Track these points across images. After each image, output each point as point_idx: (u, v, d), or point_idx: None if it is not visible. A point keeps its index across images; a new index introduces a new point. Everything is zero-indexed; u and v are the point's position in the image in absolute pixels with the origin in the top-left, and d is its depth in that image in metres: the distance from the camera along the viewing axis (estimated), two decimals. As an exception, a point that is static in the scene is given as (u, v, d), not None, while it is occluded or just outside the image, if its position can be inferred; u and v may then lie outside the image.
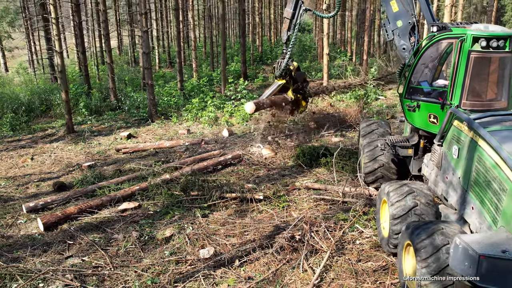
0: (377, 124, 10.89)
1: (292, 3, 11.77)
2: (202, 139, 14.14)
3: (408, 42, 9.20)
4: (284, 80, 12.47)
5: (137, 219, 8.88)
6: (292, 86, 12.60)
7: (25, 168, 12.64)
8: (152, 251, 7.61)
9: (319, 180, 10.43)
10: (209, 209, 9.11)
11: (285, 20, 12.18)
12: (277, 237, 7.63)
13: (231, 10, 52.79)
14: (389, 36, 9.59)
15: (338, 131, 14.34)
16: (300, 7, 11.85)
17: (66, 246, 7.93)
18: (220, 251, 7.43)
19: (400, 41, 9.32)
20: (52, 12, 14.47)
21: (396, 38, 9.39)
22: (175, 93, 20.84)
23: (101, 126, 17.13)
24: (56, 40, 14.70)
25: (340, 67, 26.22)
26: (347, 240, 7.70)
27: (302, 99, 13.08)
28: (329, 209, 8.83)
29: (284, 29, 12.15)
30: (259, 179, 10.82)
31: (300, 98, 12.98)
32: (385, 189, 7.34)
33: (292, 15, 11.85)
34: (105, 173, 11.58)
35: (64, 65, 15.66)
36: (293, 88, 12.61)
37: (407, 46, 9.22)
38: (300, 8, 11.85)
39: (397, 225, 6.78)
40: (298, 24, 11.86)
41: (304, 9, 11.86)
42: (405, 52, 9.26)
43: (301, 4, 11.85)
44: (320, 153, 11.41)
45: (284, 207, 9.04)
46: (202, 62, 34.25)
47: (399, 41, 9.33)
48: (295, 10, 11.89)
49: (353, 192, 9.27)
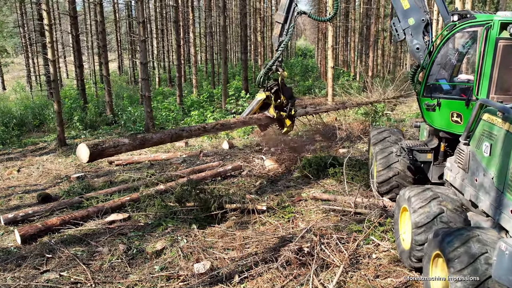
0: (389, 132, 10.06)
1: (285, 6, 10.98)
2: (201, 151, 13.30)
3: (422, 41, 8.41)
4: (264, 94, 11.56)
5: (126, 231, 7.98)
6: (274, 102, 11.63)
7: (10, 180, 11.78)
8: (140, 266, 6.70)
9: (328, 191, 9.53)
10: (206, 221, 8.20)
11: (276, 24, 11.34)
12: (282, 249, 6.70)
13: (233, 33, 52.58)
14: (400, 36, 8.77)
15: (346, 143, 13.49)
16: (293, 10, 11.06)
17: (44, 260, 7.02)
18: (218, 265, 6.51)
19: (413, 41, 8.52)
20: (46, 19, 13.82)
21: (408, 38, 8.58)
22: (174, 108, 20.11)
23: (95, 140, 16.31)
24: (49, 47, 14.00)
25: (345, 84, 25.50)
26: (361, 253, 6.78)
27: (286, 118, 11.99)
28: (340, 220, 7.92)
29: (276, 34, 11.30)
30: (262, 190, 9.94)
31: (284, 116, 11.93)
32: (405, 194, 6.47)
33: (285, 19, 11.05)
34: (95, 184, 10.72)
35: (57, 74, 14.94)
36: (275, 105, 11.63)
37: (421, 45, 8.41)
38: (294, 11, 11.06)
39: (420, 234, 5.89)
40: (291, 29, 11.06)
41: (299, 12, 11.06)
42: (419, 52, 8.45)
43: (295, 7, 11.07)
44: (328, 163, 10.54)
45: (290, 219, 8.13)
46: (203, 80, 33.66)
47: (412, 41, 8.52)
48: (288, 13, 11.09)
49: (366, 203, 8.37)
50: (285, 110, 11.80)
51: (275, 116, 11.55)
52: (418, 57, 8.44)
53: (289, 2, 10.95)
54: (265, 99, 11.60)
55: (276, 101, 11.60)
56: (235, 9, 46.83)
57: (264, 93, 11.51)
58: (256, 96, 11.81)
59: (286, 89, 12.00)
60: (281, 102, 11.73)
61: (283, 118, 11.81)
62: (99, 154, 7.43)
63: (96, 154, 7.34)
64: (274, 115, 11.51)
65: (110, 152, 7.65)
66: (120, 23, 42.79)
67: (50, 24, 13.81)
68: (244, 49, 23.71)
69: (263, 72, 11.27)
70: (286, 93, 11.86)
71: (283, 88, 11.73)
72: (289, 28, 11.03)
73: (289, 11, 10.96)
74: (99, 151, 7.35)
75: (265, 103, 11.67)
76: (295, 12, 11.00)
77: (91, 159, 7.33)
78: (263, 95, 11.51)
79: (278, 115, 11.63)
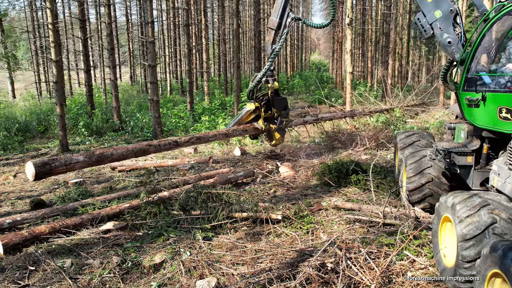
0: (419, 135, 9.05)
1: (278, 12, 10.12)
2: (210, 157, 12.36)
3: (454, 33, 7.39)
4: (253, 105, 10.72)
5: (122, 241, 7.01)
6: (264, 114, 10.78)
7: (5, 186, 10.93)
8: (135, 282, 5.72)
9: (351, 200, 8.50)
10: (213, 231, 7.22)
11: (269, 31, 10.49)
12: (301, 265, 5.68)
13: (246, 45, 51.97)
14: (427, 32, 7.73)
15: (368, 150, 12.44)
16: (287, 16, 10.21)
17: (26, 273, 6.09)
18: (225, 283, 5.52)
19: (443, 35, 7.48)
20: (49, 17, 13.09)
21: (438, 32, 7.55)
22: (184, 115, 19.24)
23: (100, 147, 15.48)
24: (52, 47, 13.24)
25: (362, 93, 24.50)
26: (395, 271, 5.73)
27: (275, 131, 11.03)
28: (367, 232, 6.88)
29: (268, 41, 10.44)
30: (277, 198, 8.94)
31: (273, 129, 10.99)
32: (447, 201, 5.44)
33: (278, 25, 10.19)
34: (94, 190, 9.81)
35: (61, 75, 14.17)
36: (265, 116, 10.78)
37: (453, 38, 7.38)
38: (288, 17, 10.21)
39: (469, 249, 4.86)
40: (284, 35, 10.19)
41: (293, 18, 10.20)
42: (451, 46, 7.41)
43: (289, 13, 10.21)
44: (350, 170, 9.52)
45: (309, 230, 7.11)
46: (216, 89, 32.85)
47: (442, 35, 7.49)
48: (282, 19, 10.25)
49: (395, 213, 7.33)
50: (275, 123, 10.95)
51: (264, 128, 10.72)
52: (451, 52, 7.42)
53: (283, 7, 10.15)
54: (254, 110, 10.83)
55: (266, 112, 10.79)
56: (249, 20, 46.30)
57: (253, 103, 10.73)
58: (245, 106, 10.98)
59: (279, 100, 11.13)
60: (271, 114, 10.91)
61: (272, 130, 10.95)
62: (47, 173, 7.13)
63: (44, 173, 7.04)
64: (262, 127, 10.71)
65: (61, 170, 7.30)
66: (132, 33, 42.47)
67: (53, 23, 13.07)
68: (257, 56, 22.85)
69: (253, 85, 10.46)
70: (278, 105, 11.01)
71: (275, 99, 10.89)
72: (282, 35, 10.17)
73: (282, 17, 10.14)
74: (47, 170, 7.03)
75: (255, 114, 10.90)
76: (289, 18, 10.15)
77: (37, 178, 7.05)
78: (252, 106, 10.76)
79: (267, 127, 10.79)
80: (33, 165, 6.84)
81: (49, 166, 6.99)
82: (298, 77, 43.25)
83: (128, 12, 41.28)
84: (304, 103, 26.27)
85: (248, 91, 10.74)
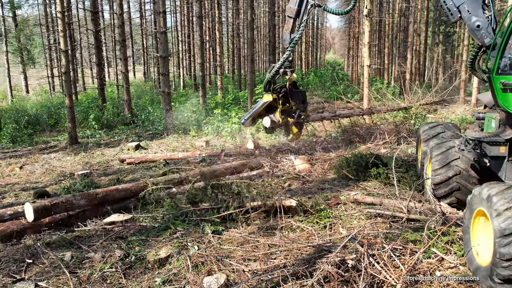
0: (443, 126, 8.49)
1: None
2: (222, 150, 11.90)
3: (483, 16, 6.83)
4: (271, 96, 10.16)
5: (126, 234, 6.58)
6: (282, 106, 10.22)
7: (11, 177, 10.62)
8: (138, 277, 5.27)
9: (371, 194, 7.97)
10: (223, 225, 6.75)
11: (287, 19, 9.89)
12: (319, 262, 5.17)
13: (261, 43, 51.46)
14: (454, 15, 7.17)
15: (387, 144, 11.87)
16: (306, 2, 9.61)
17: (23, 265, 5.68)
18: (235, 280, 5.04)
19: (471, 18, 6.91)
20: (58, 5, 12.74)
21: (466, 15, 6.98)
22: (196, 109, 18.81)
23: (110, 140, 15.14)
24: (61, 36, 12.90)
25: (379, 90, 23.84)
26: (422, 270, 5.19)
27: (292, 125, 10.53)
28: (390, 227, 6.34)
29: (287, 30, 9.83)
30: (292, 192, 8.45)
31: (290, 123, 10.47)
32: (482, 193, 4.90)
33: (297, 13, 9.57)
34: (100, 182, 9.40)
35: (69, 66, 13.82)
36: (283, 109, 10.24)
37: (482, 22, 6.80)
38: (307, 3, 9.61)
39: (509, 245, 4.34)
40: (304, 23, 9.58)
41: (312, 5, 9.58)
42: (480, 30, 6.83)
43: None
44: (370, 163, 8.98)
45: (327, 224, 6.59)
46: (229, 84, 32.40)
47: (470, 18, 6.91)
48: (301, 6, 9.64)
49: (420, 208, 6.78)
50: (293, 116, 10.34)
51: (281, 122, 10.13)
52: (480, 36, 6.85)
53: None
54: (272, 102, 10.27)
55: (284, 105, 10.22)
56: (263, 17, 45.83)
57: (270, 95, 10.18)
58: (262, 98, 10.43)
59: (297, 93, 10.53)
60: (289, 107, 10.32)
61: (289, 124, 10.37)
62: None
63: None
64: (279, 120, 10.10)
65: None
66: (146, 30, 42.26)
67: (62, 12, 12.73)
68: (272, 50, 22.30)
69: (270, 76, 9.92)
70: (296, 98, 10.41)
71: (293, 92, 10.30)
72: (302, 23, 9.55)
73: (301, 4, 9.54)
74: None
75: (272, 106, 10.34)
76: (308, 4, 9.55)
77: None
78: (270, 97, 10.16)
79: (285, 120, 10.20)
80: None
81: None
82: (313, 74, 42.65)
83: (142, 8, 41.09)
84: (320, 99, 25.70)
85: (265, 83, 10.23)
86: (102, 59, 18.88)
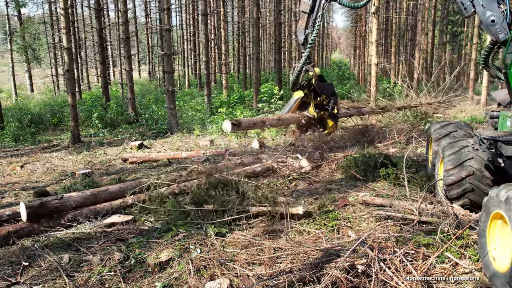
0: (455, 126, 8.21)
1: None
2: (226, 149, 11.66)
3: (498, 11, 6.55)
4: (302, 92, 9.99)
5: (126, 236, 6.34)
6: (314, 100, 10.06)
7: (12, 177, 10.43)
8: (138, 282, 5.04)
9: (380, 195, 7.70)
10: (227, 227, 6.51)
11: (301, 15, 9.59)
12: (327, 267, 4.92)
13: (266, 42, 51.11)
14: (468, 9, 6.90)
15: (396, 144, 11.59)
16: None
17: (19, 268, 5.46)
18: (238, 285, 4.80)
19: (485, 13, 6.64)
20: (61, 2, 12.54)
21: (480, 10, 6.71)
22: (201, 108, 18.59)
23: (113, 139, 14.94)
24: (64, 34, 12.70)
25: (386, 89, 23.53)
26: (435, 275, 4.93)
27: (328, 118, 10.38)
28: (400, 230, 6.08)
29: (301, 26, 9.54)
30: (298, 193, 8.19)
31: (325, 116, 10.30)
32: (499, 195, 4.63)
33: (311, 8, 9.29)
34: (102, 182, 9.19)
35: (72, 63, 13.63)
36: (315, 103, 10.08)
37: (497, 17, 6.54)
38: None
39: (529, 251, 4.06)
40: (319, 19, 9.26)
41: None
42: (495, 26, 6.57)
43: None
44: (379, 163, 8.71)
45: (335, 227, 6.34)
46: (234, 84, 32.15)
47: (485, 13, 6.64)
48: (315, 1, 9.34)
49: (432, 210, 6.51)
50: (326, 109, 10.21)
51: (316, 116, 9.98)
52: (495, 32, 6.59)
53: None
54: (304, 97, 10.12)
55: (316, 99, 10.05)
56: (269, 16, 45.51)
57: (301, 91, 10.01)
58: (293, 95, 10.24)
59: (325, 86, 10.41)
60: (321, 100, 10.15)
61: (325, 117, 10.22)
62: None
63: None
64: (314, 115, 9.98)
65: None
66: (151, 30, 42.09)
67: (65, 8, 12.54)
68: (278, 48, 22.04)
69: (294, 76, 9.75)
70: (325, 90, 10.26)
71: (320, 85, 10.13)
72: (317, 19, 9.25)
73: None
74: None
75: (304, 102, 10.18)
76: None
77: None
78: (301, 93, 10.04)
79: (320, 114, 10.05)
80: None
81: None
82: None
83: (147, 7, 40.94)
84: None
85: (291, 84, 10.16)
86: (106, 58, 18.70)
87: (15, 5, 26.40)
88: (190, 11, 36.34)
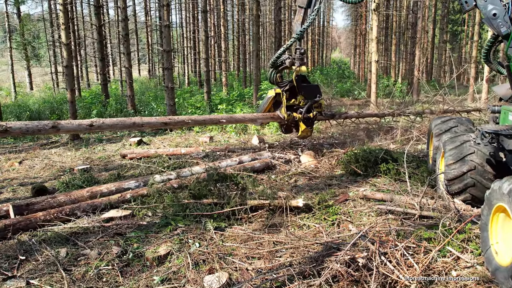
0: (456, 121, 8.15)
1: None
2: (226, 146, 11.60)
3: (500, 4, 6.46)
4: (273, 92, 9.71)
5: (124, 230, 6.28)
6: (288, 101, 9.72)
7: (9, 172, 10.34)
8: (136, 276, 4.98)
9: (381, 190, 7.64)
10: (226, 221, 6.45)
11: (298, 10, 9.43)
12: (327, 260, 4.86)
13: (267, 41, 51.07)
14: (469, 3, 6.78)
15: (397, 141, 11.53)
16: None
17: (16, 263, 5.40)
18: (238, 279, 4.74)
19: (487, 6, 6.52)
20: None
21: (481, 3, 6.60)
22: (201, 105, 18.51)
23: (112, 135, 14.87)
24: (62, 29, 12.63)
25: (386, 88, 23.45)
26: (436, 269, 4.87)
27: (300, 121, 9.85)
28: (401, 224, 6.02)
29: (297, 21, 9.35)
30: (297, 188, 8.12)
31: (297, 118, 9.84)
32: (502, 187, 4.57)
33: (308, 3, 9.15)
34: (100, 177, 9.12)
35: (71, 59, 13.55)
36: (289, 104, 9.74)
37: (499, 10, 6.43)
38: None
39: (533, 245, 4.00)
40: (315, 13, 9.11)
41: None
42: (497, 19, 6.46)
43: None
44: (379, 158, 8.65)
45: (335, 221, 6.28)
46: (234, 81, 32.09)
47: (486, 6, 6.53)
48: None
49: (433, 205, 6.45)
50: (300, 112, 9.79)
51: (286, 118, 9.65)
52: (497, 25, 6.49)
53: None
54: (276, 97, 9.80)
55: (289, 100, 9.72)
56: (269, 14, 45.45)
57: (273, 90, 9.74)
58: (267, 93, 9.98)
59: (308, 88, 9.96)
60: (298, 102, 9.82)
61: (296, 120, 9.85)
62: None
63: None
64: (284, 116, 9.63)
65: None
66: (151, 28, 42.04)
67: (64, 4, 12.46)
68: (278, 46, 21.92)
69: (271, 62, 9.48)
70: (306, 92, 9.87)
71: (300, 86, 9.75)
72: (313, 12, 9.08)
73: None
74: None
75: (279, 102, 9.88)
76: None
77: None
78: (273, 93, 9.72)
79: (290, 117, 9.70)
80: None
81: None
82: (318, 72, 42.33)
83: (147, 4, 40.87)
84: (326, 96, 25.33)
85: (268, 74, 9.81)
86: (105, 55, 18.61)
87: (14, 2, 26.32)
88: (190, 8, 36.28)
